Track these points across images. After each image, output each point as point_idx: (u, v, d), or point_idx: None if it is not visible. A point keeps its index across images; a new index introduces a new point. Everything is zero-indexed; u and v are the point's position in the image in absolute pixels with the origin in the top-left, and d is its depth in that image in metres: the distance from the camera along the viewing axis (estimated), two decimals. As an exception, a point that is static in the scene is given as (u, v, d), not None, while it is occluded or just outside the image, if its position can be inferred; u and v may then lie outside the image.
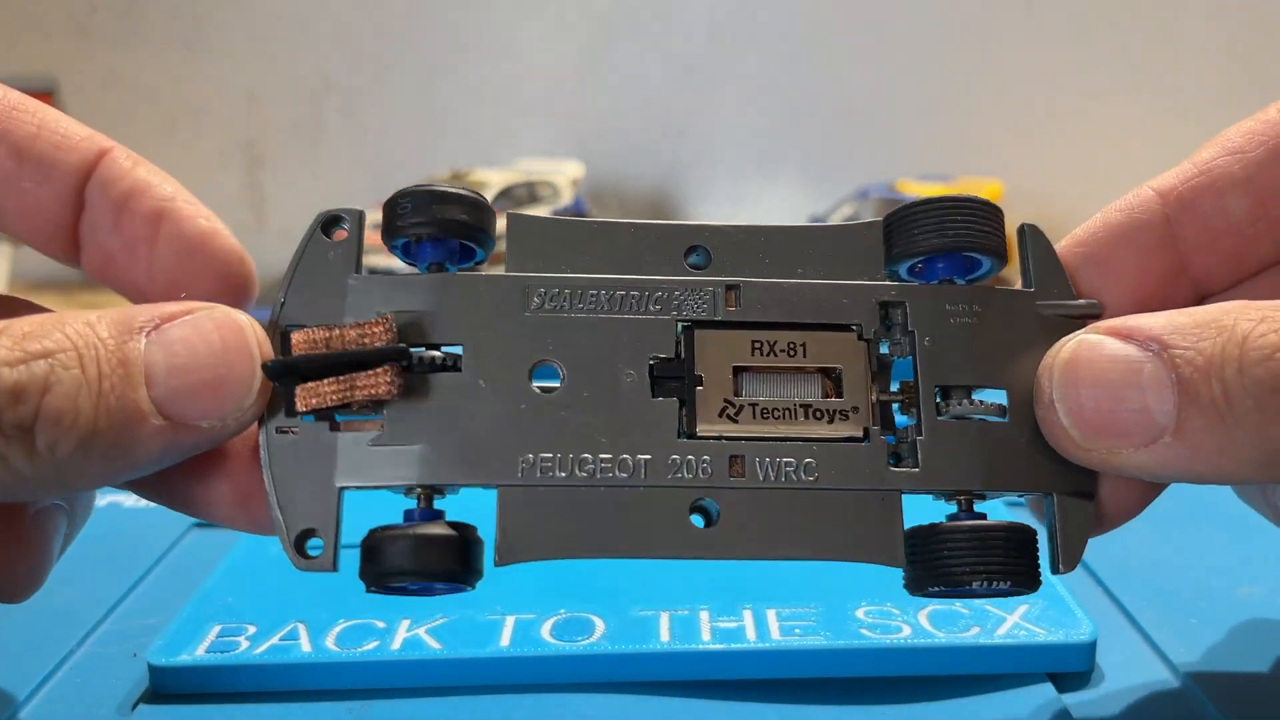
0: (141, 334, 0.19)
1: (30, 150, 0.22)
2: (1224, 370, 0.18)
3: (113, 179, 0.23)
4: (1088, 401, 0.20)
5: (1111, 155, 0.93)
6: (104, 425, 0.18)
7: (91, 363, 0.18)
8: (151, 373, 0.19)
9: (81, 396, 0.18)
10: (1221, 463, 0.18)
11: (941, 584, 0.21)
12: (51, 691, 0.25)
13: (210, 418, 0.19)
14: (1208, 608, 0.28)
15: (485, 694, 0.24)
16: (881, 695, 0.24)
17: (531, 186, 0.80)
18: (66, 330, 0.18)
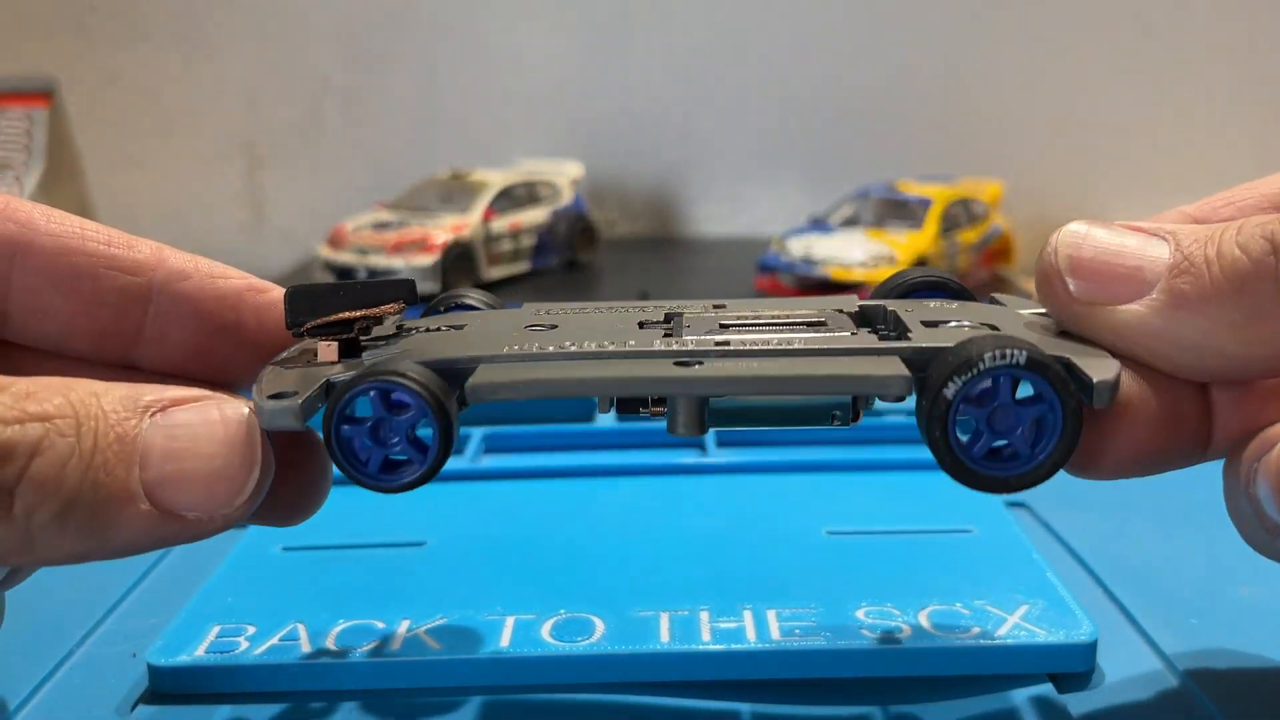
0: (146, 414, 0.18)
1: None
2: (1221, 236, 0.19)
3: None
4: (1087, 253, 0.20)
5: (1111, 155, 0.93)
6: (88, 499, 0.17)
7: (89, 434, 0.18)
8: (148, 455, 0.18)
9: (70, 466, 0.17)
10: (1200, 321, 0.19)
11: (959, 371, 0.19)
12: (51, 691, 0.25)
13: (198, 510, 0.19)
14: (1208, 608, 0.28)
15: (485, 694, 0.24)
16: (882, 696, 0.24)
17: (531, 186, 0.80)
18: (70, 396, 0.18)
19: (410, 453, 0.20)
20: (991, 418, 0.19)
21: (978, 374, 0.19)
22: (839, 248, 0.69)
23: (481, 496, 0.35)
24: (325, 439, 0.20)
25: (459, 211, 0.75)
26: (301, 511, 0.22)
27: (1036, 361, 0.19)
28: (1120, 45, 0.91)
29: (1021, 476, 0.20)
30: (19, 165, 0.87)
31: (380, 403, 0.20)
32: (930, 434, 0.19)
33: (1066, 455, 0.19)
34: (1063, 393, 0.19)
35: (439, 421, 0.20)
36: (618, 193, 0.95)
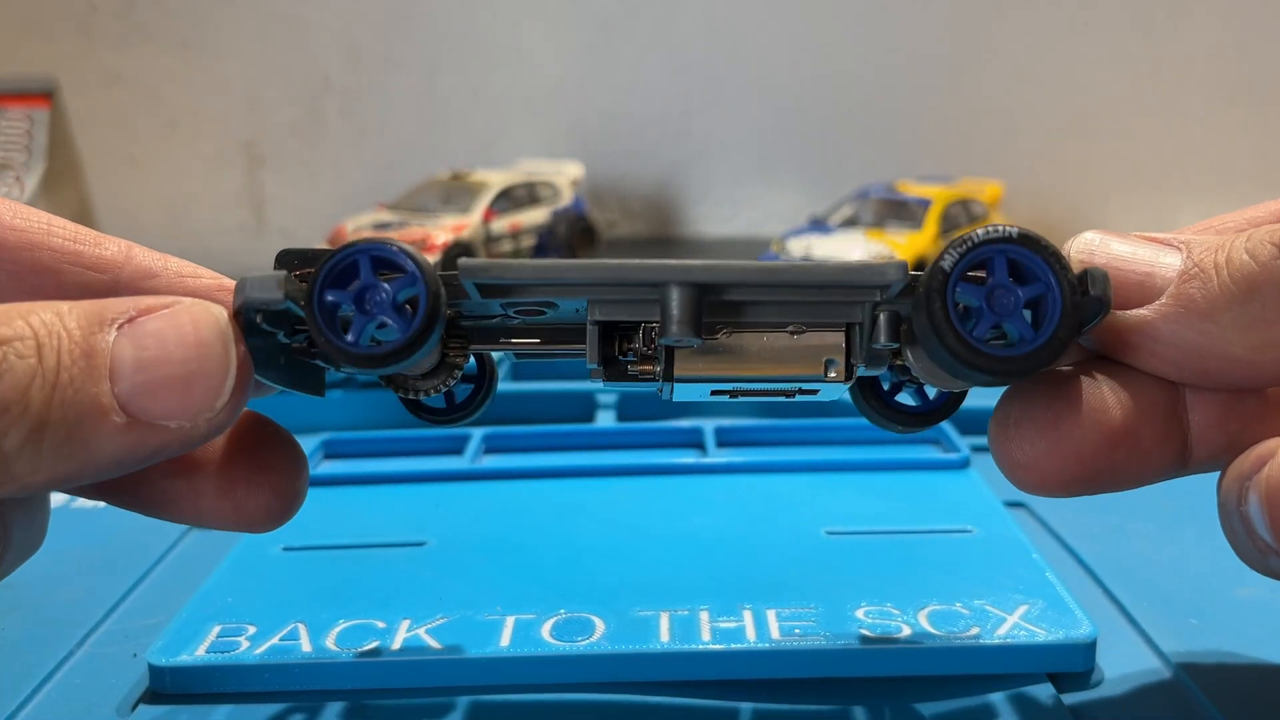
0: (113, 326, 0.18)
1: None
2: (1231, 244, 0.20)
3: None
4: (1100, 261, 0.21)
5: (1111, 155, 0.93)
6: (57, 418, 0.17)
7: (51, 353, 0.17)
8: (117, 366, 0.18)
9: (35, 387, 0.17)
10: (1208, 325, 0.19)
11: (954, 246, 0.19)
12: (51, 691, 0.25)
13: (178, 418, 0.18)
14: (1208, 608, 0.28)
15: (485, 694, 0.24)
16: (882, 695, 0.24)
17: (531, 187, 0.80)
18: (31, 319, 0.17)
19: (396, 320, 0.19)
20: (990, 298, 0.19)
21: (972, 246, 0.19)
22: (839, 248, 0.69)
23: (481, 496, 0.35)
24: (307, 305, 0.19)
25: (459, 212, 0.75)
26: (276, 516, 0.22)
27: (1029, 236, 0.19)
28: (1120, 45, 0.91)
29: (1028, 355, 0.19)
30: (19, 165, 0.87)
31: (369, 268, 0.19)
32: (930, 310, 0.19)
33: (1071, 332, 0.19)
34: (1056, 266, 0.19)
35: (428, 286, 0.19)
36: (618, 193, 0.95)
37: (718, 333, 0.21)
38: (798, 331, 0.21)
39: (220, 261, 0.23)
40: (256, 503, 0.21)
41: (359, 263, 0.19)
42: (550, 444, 0.40)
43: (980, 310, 0.19)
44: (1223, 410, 0.21)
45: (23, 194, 0.85)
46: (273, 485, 0.21)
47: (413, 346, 0.19)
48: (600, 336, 0.21)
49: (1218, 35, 0.91)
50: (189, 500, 0.21)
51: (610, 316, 0.20)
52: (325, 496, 0.35)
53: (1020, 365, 0.19)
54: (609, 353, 0.21)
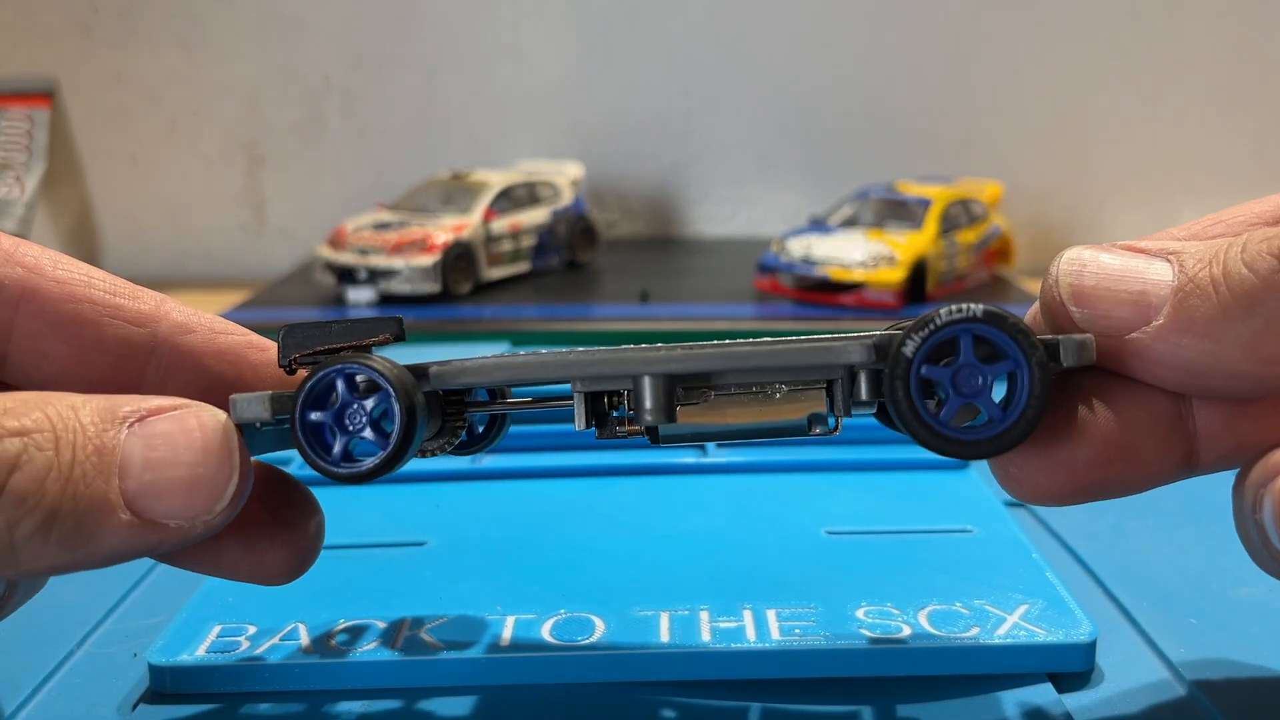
0: (124, 425, 0.18)
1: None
2: (1226, 255, 0.19)
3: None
4: (1089, 281, 0.20)
5: (1111, 155, 0.93)
6: (68, 511, 0.18)
7: (67, 447, 0.18)
8: (127, 465, 0.18)
9: (50, 479, 0.17)
10: (1209, 343, 0.19)
11: (916, 329, 0.19)
12: (51, 691, 0.25)
13: (179, 518, 0.19)
14: (1208, 608, 0.28)
15: (485, 693, 0.24)
16: (881, 695, 0.24)
17: (531, 187, 0.80)
18: (48, 410, 0.18)
19: (375, 438, 0.20)
20: (955, 379, 0.19)
21: (936, 329, 0.19)
22: (839, 248, 0.69)
23: (481, 496, 0.35)
24: (290, 425, 0.20)
25: (459, 212, 0.75)
26: (292, 571, 0.22)
27: (994, 314, 0.19)
28: (1120, 46, 0.91)
29: (994, 439, 0.19)
30: (20, 165, 0.87)
31: (345, 388, 0.20)
32: (893, 396, 0.19)
33: (1039, 414, 0.19)
34: (1024, 345, 0.19)
35: (401, 404, 0.20)
36: (618, 193, 0.95)
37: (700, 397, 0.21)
38: (779, 391, 0.21)
39: (220, 261, 0.23)
40: (275, 559, 0.22)
41: (335, 381, 0.20)
42: (550, 444, 0.40)
43: (947, 392, 0.19)
44: (1229, 414, 0.20)
45: (23, 194, 0.85)
46: (293, 543, 0.22)
47: (393, 463, 0.20)
48: (587, 401, 0.21)
49: (1217, 35, 0.91)
50: (210, 555, 0.21)
51: (593, 388, 0.21)
52: (326, 496, 0.34)
53: (987, 449, 0.19)
54: (600, 410, 0.21)
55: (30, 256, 0.21)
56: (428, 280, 0.70)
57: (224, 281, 0.87)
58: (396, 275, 0.70)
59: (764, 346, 0.20)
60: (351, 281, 0.71)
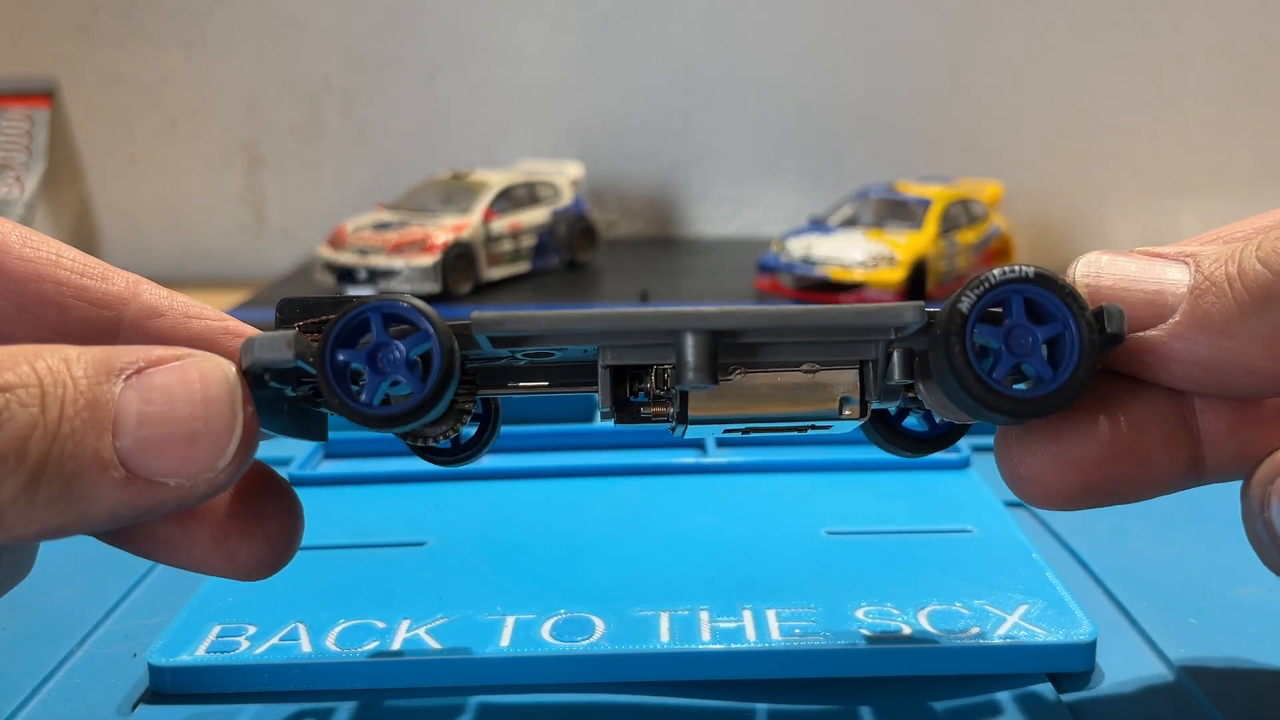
0: (120, 377, 0.17)
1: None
2: (1241, 253, 0.19)
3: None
4: (1106, 282, 0.20)
5: (1111, 155, 0.93)
6: (55, 471, 0.16)
7: (55, 403, 0.17)
8: (121, 420, 0.17)
9: (34, 438, 0.16)
10: (1225, 340, 0.19)
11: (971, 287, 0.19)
12: (51, 691, 0.25)
13: (177, 476, 0.17)
14: (1208, 608, 0.28)
15: (485, 694, 0.24)
16: (881, 695, 0.24)
17: (531, 187, 0.80)
18: (37, 365, 0.17)
19: (410, 379, 0.19)
20: (1008, 339, 0.19)
21: (990, 287, 0.19)
22: (839, 248, 0.69)
23: (481, 496, 0.35)
24: (318, 367, 0.19)
25: (459, 212, 0.75)
26: (269, 566, 0.21)
27: (1045, 276, 0.19)
28: (1120, 46, 0.91)
29: (1048, 396, 0.19)
30: (20, 165, 0.87)
31: (380, 325, 0.19)
32: (949, 353, 0.19)
33: (1089, 372, 0.19)
34: (1074, 305, 0.19)
35: (442, 343, 0.19)
36: (618, 193, 0.95)
37: (731, 373, 0.20)
38: (812, 370, 0.21)
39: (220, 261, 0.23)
40: (250, 553, 0.21)
41: (371, 320, 0.19)
42: (550, 444, 0.40)
43: (999, 351, 0.19)
44: (1234, 417, 0.20)
45: (23, 194, 0.85)
46: (266, 536, 0.21)
47: (429, 405, 0.19)
48: (612, 379, 0.21)
49: (1217, 35, 0.91)
50: (183, 546, 0.20)
51: (623, 360, 0.20)
52: (325, 496, 0.35)
53: (1041, 406, 0.19)
54: (620, 394, 0.21)
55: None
56: (428, 280, 0.70)
57: (224, 281, 0.87)
58: (396, 275, 0.70)
59: (816, 309, 0.20)
60: (351, 281, 0.71)
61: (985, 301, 0.19)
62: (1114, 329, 0.19)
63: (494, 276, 0.76)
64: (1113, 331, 0.19)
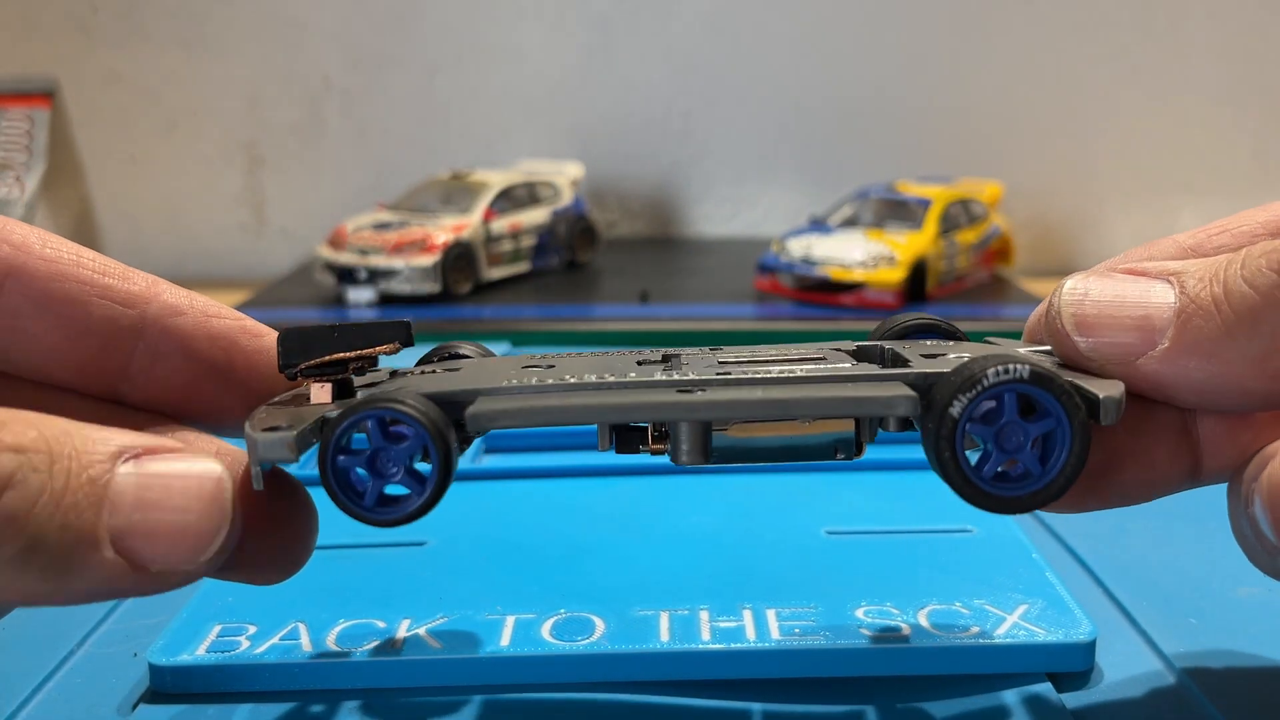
0: (119, 459, 0.17)
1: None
2: (1225, 272, 0.19)
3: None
4: (1090, 310, 0.20)
5: (1111, 155, 0.93)
6: (54, 540, 0.16)
7: (61, 473, 0.17)
8: (118, 500, 0.17)
9: (41, 503, 0.16)
10: (1216, 364, 0.19)
11: (963, 389, 0.19)
12: (51, 691, 0.25)
13: (161, 564, 0.18)
14: (1208, 608, 0.28)
15: (485, 694, 0.24)
16: (882, 695, 0.24)
17: (531, 187, 0.80)
18: (44, 430, 0.17)
19: (409, 484, 0.20)
20: (999, 436, 0.19)
21: (983, 390, 0.19)
22: (839, 248, 0.69)
23: (481, 496, 0.35)
24: (320, 471, 0.19)
25: (459, 212, 0.75)
26: (283, 570, 0.21)
27: (1040, 375, 0.19)
28: (1120, 46, 0.91)
29: (1034, 494, 0.19)
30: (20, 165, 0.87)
31: (378, 432, 0.19)
32: (939, 455, 0.19)
33: (1077, 471, 0.19)
34: (1069, 406, 0.19)
35: (438, 450, 0.19)
36: (618, 193, 0.95)
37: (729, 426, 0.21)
38: (807, 421, 0.21)
39: (220, 261, 0.23)
40: (264, 556, 0.21)
41: (368, 425, 0.19)
42: (550, 444, 0.40)
43: (989, 450, 0.19)
44: (1230, 423, 0.21)
45: (23, 194, 0.85)
46: (280, 540, 0.21)
47: (431, 506, 0.20)
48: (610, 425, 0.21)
49: (1218, 35, 0.91)
50: None
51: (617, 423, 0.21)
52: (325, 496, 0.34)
53: (1027, 504, 0.20)
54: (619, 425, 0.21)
55: (18, 234, 0.21)
56: (428, 280, 0.70)
57: (224, 281, 0.87)
58: (396, 275, 0.70)
59: (809, 393, 0.20)
60: (351, 281, 0.71)
61: (978, 403, 0.19)
62: (1109, 422, 0.19)
63: (494, 276, 0.76)
64: (1107, 424, 0.19)
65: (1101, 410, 0.19)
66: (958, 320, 0.25)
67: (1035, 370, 0.19)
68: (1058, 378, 0.19)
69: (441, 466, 0.19)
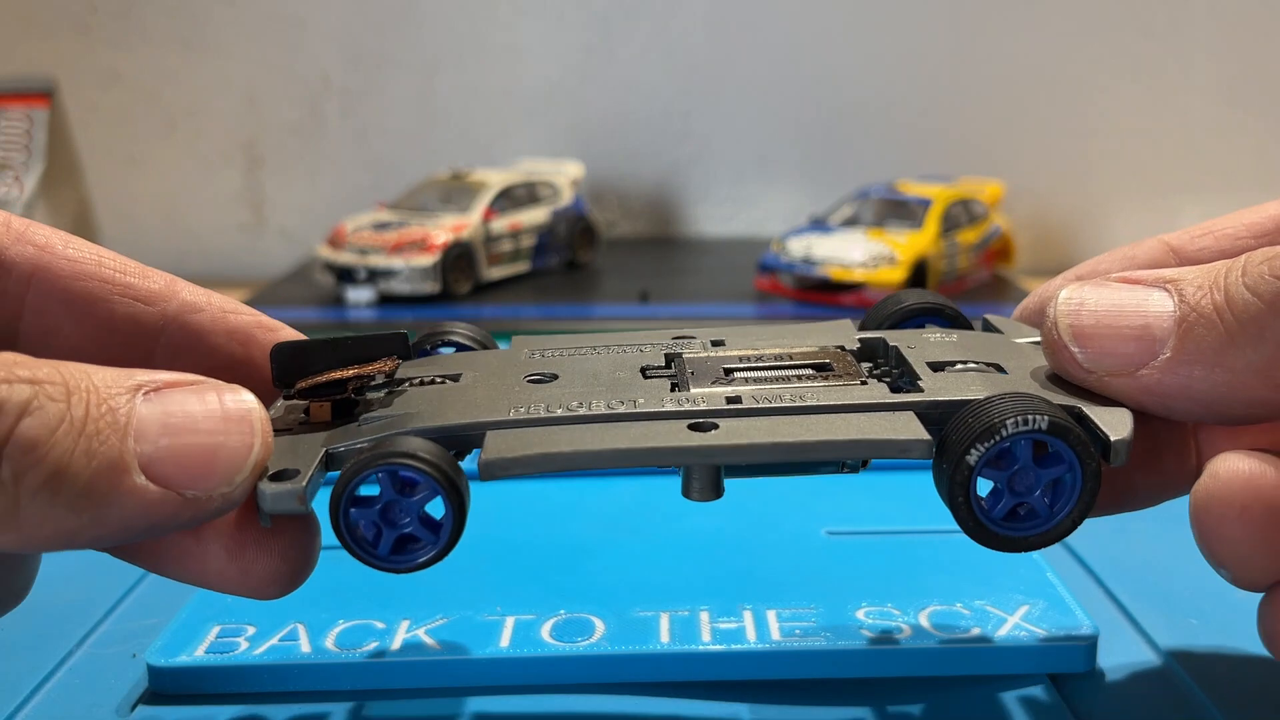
0: (139, 392, 0.18)
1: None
2: (1226, 279, 0.19)
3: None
4: (1087, 320, 0.20)
5: (1111, 155, 0.93)
6: (80, 468, 0.16)
7: (80, 402, 0.17)
8: (143, 428, 0.17)
9: (62, 430, 0.16)
10: (1220, 373, 0.18)
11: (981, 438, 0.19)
12: (51, 691, 0.25)
13: (197, 488, 0.18)
14: (1208, 608, 0.28)
15: (485, 694, 0.24)
16: (882, 696, 0.24)
17: (531, 186, 0.80)
18: (61, 368, 0.17)
19: (422, 532, 0.19)
20: (1012, 480, 0.20)
21: (1000, 440, 0.19)
22: (839, 248, 0.69)
23: (481, 497, 0.35)
24: (333, 523, 0.19)
25: (459, 212, 0.75)
26: (286, 582, 0.21)
27: (1059, 426, 0.19)
28: (1120, 46, 0.91)
29: (1041, 535, 0.20)
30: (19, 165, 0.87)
31: (389, 484, 0.19)
32: (952, 498, 0.20)
33: (1085, 513, 0.19)
34: (1083, 455, 0.19)
35: (451, 501, 0.19)
36: (618, 193, 0.95)
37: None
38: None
39: (220, 261, 0.23)
40: (264, 568, 0.20)
41: (381, 480, 0.19)
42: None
43: (1000, 491, 0.20)
44: (1232, 429, 0.20)
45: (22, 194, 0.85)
46: (282, 550, 0.21)
47: (446, 553, 0.20)
48: None
49: (1218, 36, 0.91)
50: (196, 559, 0.20)
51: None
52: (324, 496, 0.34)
53: (1032, 544, 0.20)
54: None
55: (41, 236, 0.21)
56: (427, 280, 0.70)
57: (223, 281, 0.87)
58: (396, 275, 0.70)
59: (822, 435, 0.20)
60: (351, 281, 0.71)
61: (993, 453, 0.19)
62: (1118, 464, 0.19)
63: (494, 276, 0.75)
64: (1116, 466, 0.19)
65: (1113, 453, 0.19)
66: (958, 321, 0.25)
67: (1054, 421, 0.19)
68: (1074, 429, 0.19)
69: (456, 514, 0.19)
